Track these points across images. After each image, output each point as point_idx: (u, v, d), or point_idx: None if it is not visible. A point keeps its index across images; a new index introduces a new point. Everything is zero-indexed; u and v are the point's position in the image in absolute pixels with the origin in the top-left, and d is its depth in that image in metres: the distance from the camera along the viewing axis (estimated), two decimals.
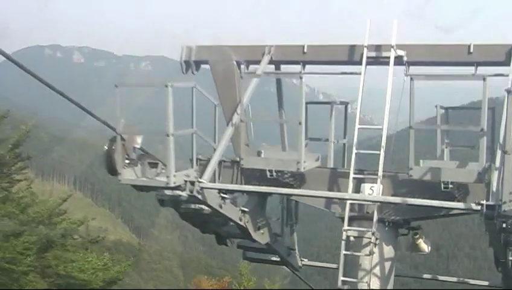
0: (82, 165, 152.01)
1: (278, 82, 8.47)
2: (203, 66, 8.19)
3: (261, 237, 7.83)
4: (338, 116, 8.48)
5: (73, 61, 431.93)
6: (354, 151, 6.82)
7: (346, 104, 8.35)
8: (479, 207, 5.51)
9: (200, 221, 7.43)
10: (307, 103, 7.61)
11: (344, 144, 8.28)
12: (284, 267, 9.70)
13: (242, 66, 7.88)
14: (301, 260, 9.09)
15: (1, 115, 16.19)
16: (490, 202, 5.50)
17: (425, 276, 9.82)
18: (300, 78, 6.83)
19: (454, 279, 9.18)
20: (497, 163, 5.87)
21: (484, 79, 6.21)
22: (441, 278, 9.18)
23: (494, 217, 5.43)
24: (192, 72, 8.01)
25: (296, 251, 8.92)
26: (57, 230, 15.38)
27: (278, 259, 8.80)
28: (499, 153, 5.86)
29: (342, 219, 6.87)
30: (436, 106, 7.42)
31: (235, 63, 7.93)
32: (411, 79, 6.31)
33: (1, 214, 14.45)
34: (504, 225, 5.87)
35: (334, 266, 8.50)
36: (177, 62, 7.97)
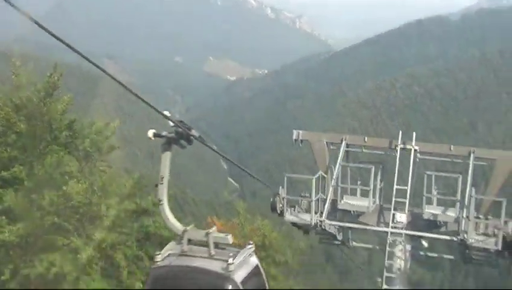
0: None
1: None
2: None
3: (339, 237, 14.28)
4: None
5: None
6: (394, 200, 13.00)
7: (382, 166, 14.21)
8: (456, 239, 12.03)
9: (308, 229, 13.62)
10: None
11: (381, 188, 14.28)
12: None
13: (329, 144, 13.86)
14: (352, 242, 15.52)
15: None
16: (461, 237, 12.00)
17: None
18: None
19: None
20: (464, 214, 12.30)
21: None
22: None
23: (464, 246, 11.98)
24: (299, 145, 14.01)
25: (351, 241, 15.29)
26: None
27: (340, 242, 15.12)
28: (465, 210, 12.28)
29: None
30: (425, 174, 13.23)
31: (325, 143, 13.89)
32: (425, 173, 12.49)
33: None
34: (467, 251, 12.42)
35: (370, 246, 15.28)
36: None
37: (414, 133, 13.08)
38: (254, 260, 7.69)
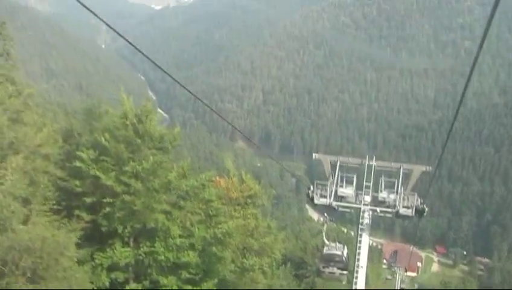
0: None
1: None
2: None
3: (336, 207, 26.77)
4: None
5: None
6: (364, 190, 26.22)
7: (357, 173, 27.51)
8: (394, 210, 25.28)
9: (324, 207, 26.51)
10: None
11: (356, 183, 27.45)
12: None
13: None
14: (338, 208, 28.75)
15: None
16: (396, 209, 25.06)
17: None
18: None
19: None
20: (397, 200, 25.52)
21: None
22: None
23: (397, 213, 25.23)
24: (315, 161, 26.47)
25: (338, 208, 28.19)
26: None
27: (334, 209, 27.48)
28: (397, 196, 25.62)
29: None
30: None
31: (328, 160, 24.66)
32: (380, 178, 25.87)
33: None
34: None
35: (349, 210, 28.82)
36: None
37: (374, 156, 25.96)
38: (346, 249, 24.15)
